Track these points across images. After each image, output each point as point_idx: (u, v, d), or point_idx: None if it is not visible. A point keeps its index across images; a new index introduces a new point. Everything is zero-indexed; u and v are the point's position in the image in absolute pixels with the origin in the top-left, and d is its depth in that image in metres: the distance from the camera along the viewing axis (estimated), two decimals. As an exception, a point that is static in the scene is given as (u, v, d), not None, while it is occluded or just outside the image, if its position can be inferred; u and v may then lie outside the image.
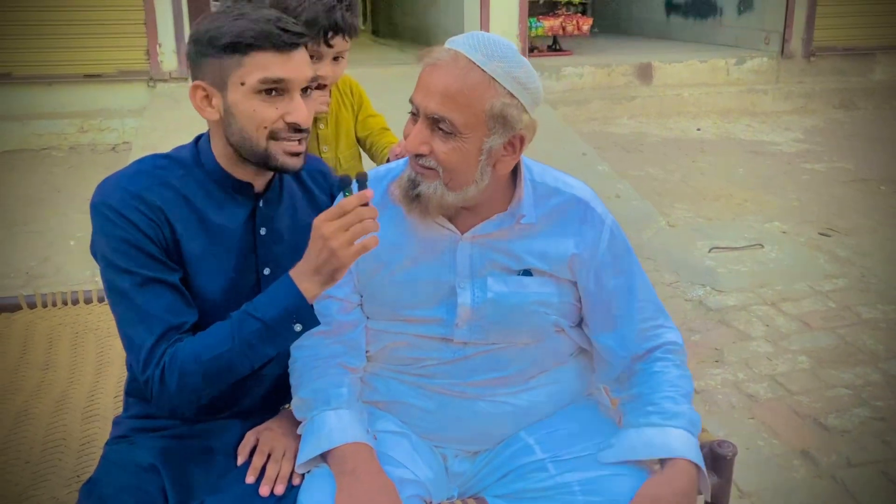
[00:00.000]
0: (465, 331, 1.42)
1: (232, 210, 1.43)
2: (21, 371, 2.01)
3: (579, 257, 1.42)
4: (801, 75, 7.87)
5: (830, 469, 2.45)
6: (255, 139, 1.35)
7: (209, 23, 1.33)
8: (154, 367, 1.29)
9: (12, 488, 1.58)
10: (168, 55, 6.63)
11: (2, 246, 4.27)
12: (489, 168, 1.33)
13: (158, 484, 1.36)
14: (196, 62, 1.36)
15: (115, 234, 1.31)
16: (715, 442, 1.59)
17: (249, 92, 1.32)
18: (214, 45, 1.31)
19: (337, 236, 1.22)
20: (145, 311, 1.30)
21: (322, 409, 1.40)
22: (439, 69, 1.28)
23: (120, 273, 1.31)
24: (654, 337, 1.48)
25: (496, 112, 1.28)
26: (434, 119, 1.29)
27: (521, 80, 1.30)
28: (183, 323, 1.32)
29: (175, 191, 1.37)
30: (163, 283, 1.33)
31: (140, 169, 1.38)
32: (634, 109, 7.15)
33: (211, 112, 1.37)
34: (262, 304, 1.29)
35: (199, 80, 1.35)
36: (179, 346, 1.30)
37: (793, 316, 3.44)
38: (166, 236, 1.35)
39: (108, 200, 1.32)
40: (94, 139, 6.33)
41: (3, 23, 6.22)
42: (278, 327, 1.28)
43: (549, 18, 8.01)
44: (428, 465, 1.46)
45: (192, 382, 1.29)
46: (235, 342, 1.28)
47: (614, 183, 4.98)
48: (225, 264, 1.41)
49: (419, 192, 1.32)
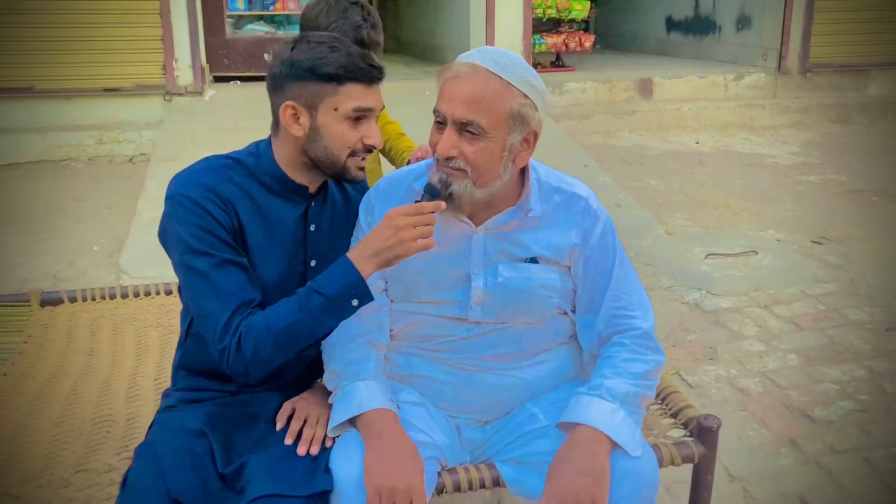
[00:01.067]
0: (479, 311, 1.60)
1: (287, 208, 1.62)
2: (68, 357, 2.20)
3: (578, 246, 1.61)
4: (797, 91, 8.07)
5: (815, 456, 2.62)
6: (337, 156, 1.55)
7: (307, 52, 1.51)
8: (231, 336, 1.47)
9: (70, 456, 1.76)
10: (184, 70, 6.83)
11: (27, 252, 4.46)
12: (510, 164, 1.52)
13: (206, 446, 1.54)
14: (286, 84, 1.53)
15: (193, 222, 1.50)
16: (701, 416, 1.77)
17: (341, 117, 1.53)
18: (315, 72, 1.50)
19: (408, 230, 1.42)
20: (221, 287, 1.49)
21: (352, 380, 1.57)
22: (461, 80, 1.48)
23: (198, 255, 1.50)
24: (620, 324, 1.63)
25: (515, 112, 1.48)
26: (462, 123, 1.47)
27: (532, 82, 1.50)
28: (252, 299, 1.51)
29: (240, 187, 1.57)
30: (235, 264, 1.52)
31: (210, 165, 1.58)
32: (635, 123, 7.35)
33: (297, 129, 1.55)
34: (325, 281, 1.48)
35: (291, 101, 1.53)
36: (252, 318, 1.48)
37: (784, 317, 3.61)
38: (234, 224, 1.54)
39: (186, 192, 1.51)
40: (113, 151, 6.52)
41: (26, 39, 6.43)
42: (339, 301, 1.47)
43: (552, 35, 8.22)
44: (444, 432, 1.64)
45: (265, 349, 1.47)
46: (303, 314, 1.46)
47: (615, 193, 5.17)
48: (280, 254, 1.61)
49: (451, 192, 1.51)
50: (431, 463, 1.57)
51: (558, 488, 1.42)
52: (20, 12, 6.38)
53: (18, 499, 1.60)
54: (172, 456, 1.49)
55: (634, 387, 1.56)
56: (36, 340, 2.25)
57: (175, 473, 1.45)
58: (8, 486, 1.63)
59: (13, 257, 4.38)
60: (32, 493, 1.62)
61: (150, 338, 2.31)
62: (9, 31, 6.39)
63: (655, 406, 1.90)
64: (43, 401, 1.96)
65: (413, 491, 1.42)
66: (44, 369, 2.11)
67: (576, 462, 1.45)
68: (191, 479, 1.45)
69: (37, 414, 1.90)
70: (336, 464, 1.49)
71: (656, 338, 1.66)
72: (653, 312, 1.68)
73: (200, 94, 6.87)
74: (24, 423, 1.86)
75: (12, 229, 4.82)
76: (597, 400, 1.52)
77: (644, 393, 1.57)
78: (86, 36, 6.55)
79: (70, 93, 6.63)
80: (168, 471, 1.45)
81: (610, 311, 1.63)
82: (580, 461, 1.44)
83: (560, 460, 1.47)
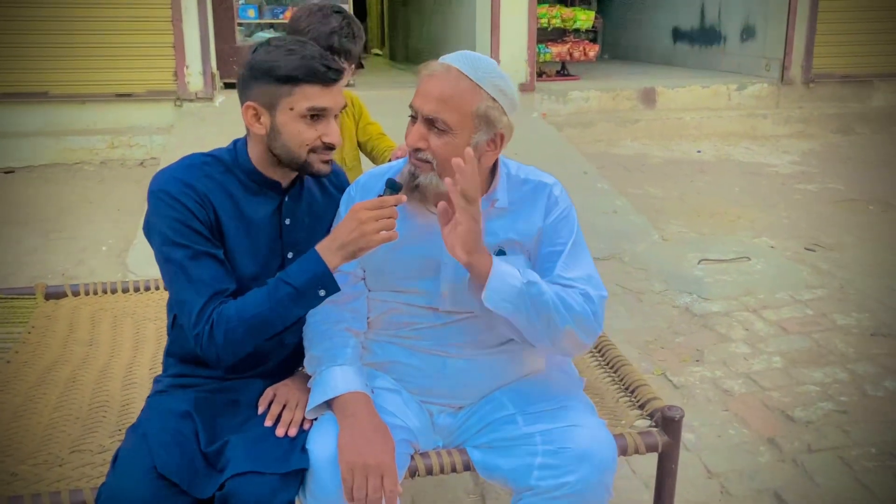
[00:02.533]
0: (449, 301, 1.70)
1: (262, 203, 1.72)
2: (69, 346, 2.30)
3: (541, 229, 1.70)
4: (800, 101, 8.13)
5: (793, 454, 2.68)
6: (297, 153, 1.65)
7: (265, 55, 1.62)
8: (204, 323, 1.57)
9: (66, 438, 1.85)
10: (195, 76, 6.98)
11: (40, 251, 4.59)
12: (476, 161, 1.59)
13: (192, 427, 1.63)
14: (248, 86, 1.65)
15: (171, 216, 1.61)
16: (665, 407, 1.85)
17: (297, 116, 1.62)
18: (271, 75, 1.61)
19: (370, 223, 1.52)
20: (196, 278, 1.59)
21: (329, 364, 1.67)
22: (435, 78, 1.58)
23: (175, 247, 1.60)
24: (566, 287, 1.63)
25: (482, 113, 1.58)
26: (430, 119, 1.58)
27: (502, 87, 1.60)
28: (226, 289, 1.62)
29: (217, 183, 1.67)
30: (210, 256, 1.62)
31: (190, 163, 1.68)
32: (638, 132, 7.44)
33: (259, 128, 1.66)
34: (293, 272, 1.58)
35: (252, 101, 1.64)
36: (224, 306, 1.58)
37: (771, 321, 3.68)
38: (211, 219, 1.64)
39: (166, 188, 1.62)
40: (124, 155, 6.68)
41: (41, 45, 6.60)
42: (306, 291, 1.57)
43: (557, 45, 8.33)
44: (416, 417, 1.73)
45: (235, 336, 1.57)
46: (272, 303, 1.57)
47: (613, 199, 5.25)
48: (256, 247, 1.71)
49: (418, 183, 1.61)
50: (404, 445, 1.65)
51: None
52: (36, 19, 6.55)
53: (16, 475, 1.70)
54: (160, 435, 1.58)
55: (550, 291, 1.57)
56: (39, 331, 2.36)
57: (162, 451, 1.54)
58: (7, 464, 1.73)
59: (26, 255, 4.51)
60: (29, 470, 1.72)
61: (147, 330, 2.42)
62: (25, 37, 6.56)
63: (623, 398, 1.99)
64: (43, 387, 2.06)
65: (383, 467, 1.52)
66: (45, 357, 2.22)
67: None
68: (176, 456, 1.54)
69: (36, 399, 2.00)
70: (312, 443, 1.59)
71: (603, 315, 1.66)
72: (605, 291, 1.69)
73: (210, 99, 7.02)
74: (24, 407, 1.96)
75: (26, 229, 4.96)
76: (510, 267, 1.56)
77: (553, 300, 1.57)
78: (100, 42, 6.72)
79: (84, 98, 6.80)
80: (155, 449, 1.54)
81: (556, 281, 1.64)
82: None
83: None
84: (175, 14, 6.82)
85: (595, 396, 1.99)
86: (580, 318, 1.61)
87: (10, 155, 6.45)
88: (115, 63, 6.78)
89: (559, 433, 1.62)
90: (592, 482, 1.56)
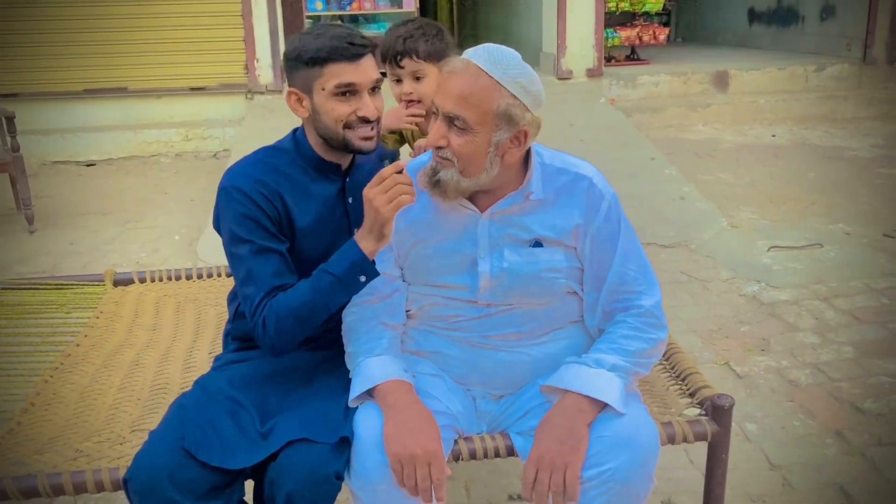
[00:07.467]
0: (487, 294, 1.69)
1: (326, 185, 1.80)
2: (134, 331, 2.40)
3: (582, 226, 1.67)
4: (884, 81, 7.75)
5: (861, 447, 2.58)
6: (334, 130, 1.72)
7: (296, 42, 1.71)
8: (259, 314, 1.65)
9: (128, 418, 1.94)
10: (265, 69, 7.14)
11: (117, 240, 4.79)
12: (498, 158, 1.59)
13: (233, 400, 1.69)
14: (289, 74, 1.74)
15: (238, 211, 1.68)
16: (715, 395, 1.81)
17: (329, 95, 1.69)
18: (300, 59, 1.69)
19: (378, 198, 1.56)
20: (257, 272, 1.67)
21: (366, 356, 1.69)
22: (454, 76, 1.56)
23: (240, 242, 1.68)
24: (625, 300, 1.69)
25: (502, 111, 1.55)
26: (450, 117, 1.56)
27: (524, 84, 1.56)
28: (285, 284, 1.68)
29: (284, 174, 1.74)
30: (273, 252, 1.69)
31: (258, 159, 1.76)
32: (709, 116, 7.24)
33: (302, 111, 1.75)
34: (334, 262, 1.64)
35: (293, 88, 1.73)
36: (273, 299, 1.66)
37: (843, 310, 3.54)
38: (280, 212, 1.71)
39: (235, 184, 1.70)
40: (198, 147, 6.90)
41: (120, 42, 6.86)
42: (347, 279, 1.63)
43: (626, 29, 8.16)
44: (460, 402, 1.74)
45: (286, 325, 1.64)
46: (316, 292, 1.63)
47: (680, 186, 5.13)
48: (326, 228, 1.78)
49: (438, 179, 1.61)
50: (447, 430, 1.66)
51: (537, 452, 1.53)
52: (115, 17, 6.81)
53: (81, 451, 1.79)
54: (195, 410, 1.65)
55: (626, 362, 1.62)
56: (107, 316, 2.47)
57: (193, 426, 1.59)
58: (73, 441, 1.82)
59: (105, 244, 4.71)
60: (93, 447, 1.81)
61: (208, 315, 2.50)
62: (105, 35, 6.83)
63: (674, 385, 1.95)
64: (108, 369, 2.16)
65: (430, 455, 1.52)
66: (111, 341, 2.32)
67: (556, 429, 1.53)
68: (208, 432, 1.58)
69: (102, 380, 2.10)
70: (358, 423, 1.60)
71: (663, 313, 1.71)
72: (659, 288, 1.72)
73: (280, 91, 7.15)
74: (90, 388, 2.06)
75: (106, 219, 5.19)
76: (584, 368, 1.59)
77: (635, 370, 1.63)
78: (174, 38, 6.93)
79: (160, 92, 7.03)
80: (187, 423, 1.60)
81: (614, 288, 1.68)
82: (559, 428, 1.53)
83: (543, 425, 1.56)
84: (245, 8, 6.97)
85: (645, 384, 1.96)
86: (655, 350, 1.69)
87: (92, 148, 6.74)
88: (189, 58, 6.98)
89: (600, 420, 1.60)
90: (633, 469, 1.53)
